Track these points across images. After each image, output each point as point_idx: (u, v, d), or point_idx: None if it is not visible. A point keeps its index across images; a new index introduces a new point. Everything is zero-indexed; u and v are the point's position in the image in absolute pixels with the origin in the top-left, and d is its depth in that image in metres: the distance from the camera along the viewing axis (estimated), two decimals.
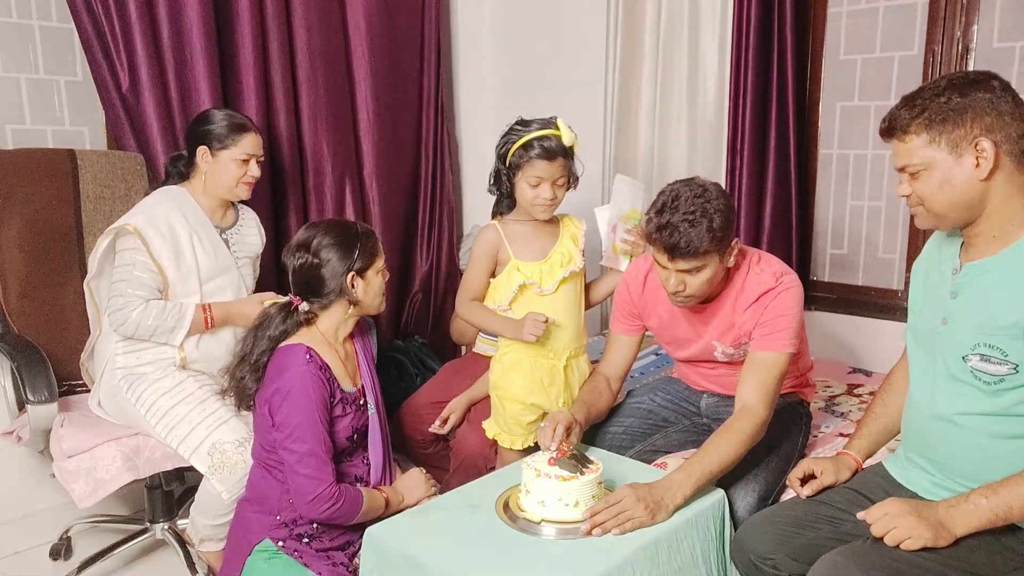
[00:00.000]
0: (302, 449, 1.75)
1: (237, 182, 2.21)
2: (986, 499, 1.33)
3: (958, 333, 1.42)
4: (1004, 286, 1.36)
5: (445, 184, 3.33)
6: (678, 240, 1.68)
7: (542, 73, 3.33)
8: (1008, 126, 1.32)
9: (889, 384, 1.72)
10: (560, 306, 2.13)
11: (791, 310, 1.80)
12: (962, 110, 1.32)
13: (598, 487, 1.61)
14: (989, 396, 1.38)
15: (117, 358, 2.13)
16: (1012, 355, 1.34)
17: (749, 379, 1.79)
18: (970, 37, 2.54)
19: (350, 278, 1.86)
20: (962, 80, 1.35)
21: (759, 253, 1.92)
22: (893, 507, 1.38)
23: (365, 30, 2.95)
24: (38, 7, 2.52)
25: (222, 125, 2.19)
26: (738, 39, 2.74)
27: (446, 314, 2.97)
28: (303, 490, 1.76)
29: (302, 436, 1.75)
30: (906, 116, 1.37)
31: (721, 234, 1.70)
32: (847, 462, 1.66)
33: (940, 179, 1.36)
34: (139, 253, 2.07)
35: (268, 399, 1.80)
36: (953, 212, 1.39)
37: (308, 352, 1.80)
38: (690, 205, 1.69)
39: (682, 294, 1.78)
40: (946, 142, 1.34)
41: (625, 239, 2.21)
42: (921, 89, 1.39)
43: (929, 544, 1.33)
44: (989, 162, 1.32)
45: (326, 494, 1.75)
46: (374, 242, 1.93)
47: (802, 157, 2.87)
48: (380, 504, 1.89)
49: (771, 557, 1.53)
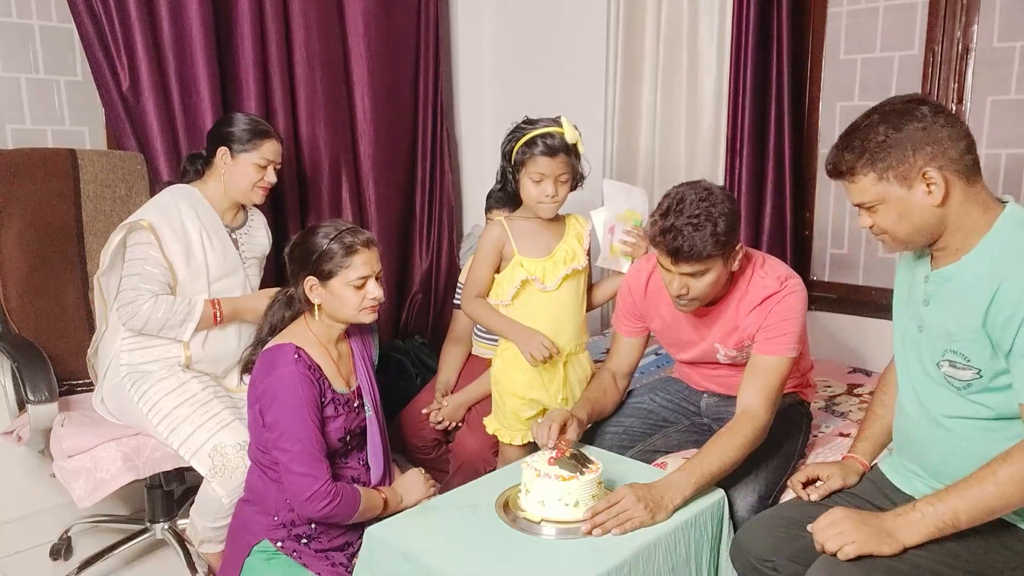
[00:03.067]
0: (295, 448, 1.74)
1: (253, 186, 2.23)
2: (932, 507, 1.33)
3: (931, 340, 1.43)
4: (964, 292, 1.37)
5: (444, 184, 3.33)
6: (682, 244, 1.67)
7: (542, 73, 3.34)
8: (949, 149, 1.33)
9: (885, 383, 1.72)
10: (562, 303, 2.13)
11: (795, 314, 1.80)
12: (901, 144, 1.34)
13: (598, 487, 1.61)
14: (965, 400, 1.40)
15: (122, 355, 2.14)
16: (974, 360, 1.36)
17: (751, 383, 1.79)
18: (970, 37, 2.54)
19: (308, 284, 1.83)
20: (892, 111, 1.36)
21: (763, 256, 1.91)
22: (838, 514, 1.39)
23: (363, 30, 2.96)
24: (38, 7, 2.52)
25: (245, 129, 2.22)
26: (737, 39, 2.74)
27: (446, 314, 2.97)
28: (298, 489, 1.74)
29: (294, 435, 1.74)
30: (849, 158, 1.39)
31: (725, 239, 1.70)
32: (854, 466, 1.66)
33: (897, 211, 1.38)
34: (151, 248, 2.08)
35: (258, 399, 1.79)
36: (917, 237, 1.41)
37: (297, 352, 1.79)
38: (695, 208, 1.68)
39: (685, 297, 1.77)
40: (894, 176, 1.36)
41: (625, 240, 2.21)
42: (855, 128, 1.40)
43: (872, 552, 1.33)
44: (940, 188, 1.33)
45: (322, 491, 1.73)
46: (347, 253, 1.80)
47: (802, 157, 2.88)
48: (378, 504, 1.87)
49: (771, 559, 1.53)
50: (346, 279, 1.80)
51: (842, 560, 1.34)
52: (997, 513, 1.32)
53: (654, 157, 3.08)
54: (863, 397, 2.42)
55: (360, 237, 1.83)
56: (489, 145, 3.58)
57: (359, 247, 1.82)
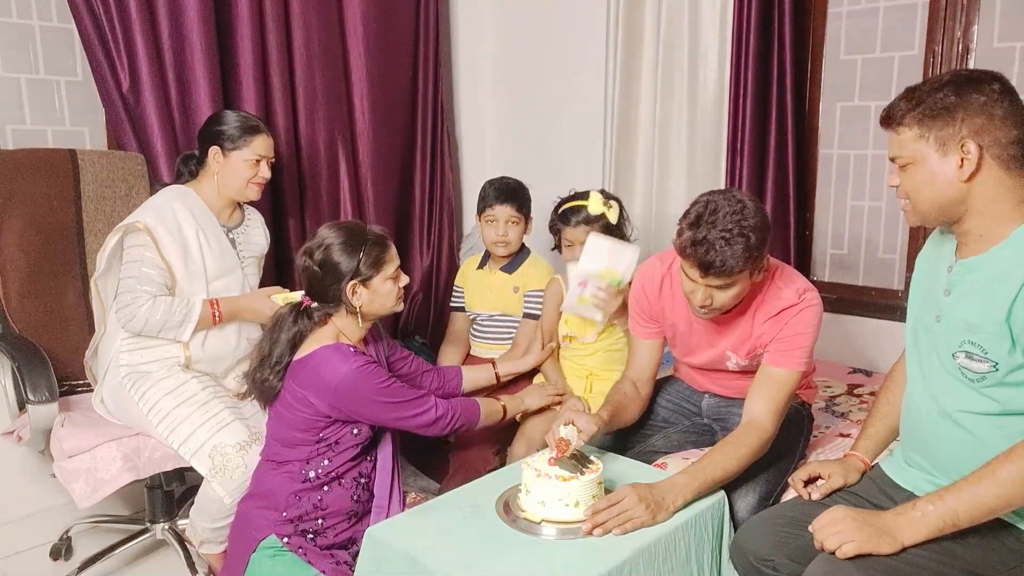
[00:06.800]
0: (400, 409, 1.88)
1: (247, 183, 2.23)
2: (932, 506, 1.33)
3: (949, 330, 1.42)
4: (990, 284, 1.36)
5: (445, 184, 3.33)
6: (714, 259, 1.62)
7: (543, 74, 3.34)
8: (998, 130, 1.31)
9: (891, 381, 1.71)
10: (600, 354, 2.38)
11: (810, 328, 1.78)
12: (954, 109, 1.32)
13: (598, 487, 1.61)
14: (977, 394, 1.39)
15: (121, 355, 2.14)
16: (992, 353, 1.35)
17: (759, 394, 1.78)
18: (970, 37, 2.54)
19: (351, 288, 1.86)
20: (963, 78, 1.35)
21: (781, 266, 1.88)
22: (838, 513, 1.39)
23: (363, 31, 2.95)
24: (38, 7, 2.52)
25: (234, 126, 2.21)
26: (738, 39, 2.74)
27: (446, 314, 2.97)
28: (425, 429, 1.93)
29: (393, 402, 1.86)
30: (903, 107, 1.38)
31: (757, 253, 1.66)
32: (855, 464, 1.66)
33: (925, 175, 1.36)
34: (148, 250, 2.08)
35: (331, 403, 1.82)
36: (934, 211, 1.39)
37: (351, 347, 1.86)
38: (727, 222, 1.63)
39: (708, 308, 1.74)
40: (935, 139, 1.34)
41: (596, 295, 2.19)
42: (924, 81, 1.39)
43: (871, 551, 1.32)
44: (972, 164, 1.32)
45: (442, 417, 1.94)
46: (382, 250, 1.90)
47: (802, 157, 2.88)
48: (498, 410, 2.13)
49: (770, 558, 1.53)
50: (385, 275, 1.91)
51: (840, 559, 1.34)
52: (997, 512, 1.32)
53: (654, 157, 3.08)
54: (863, 397, 2.42)
55: (381, 230, 1.95)
56: (489, 145, 3.58)
57: (388, 241, 1.94)
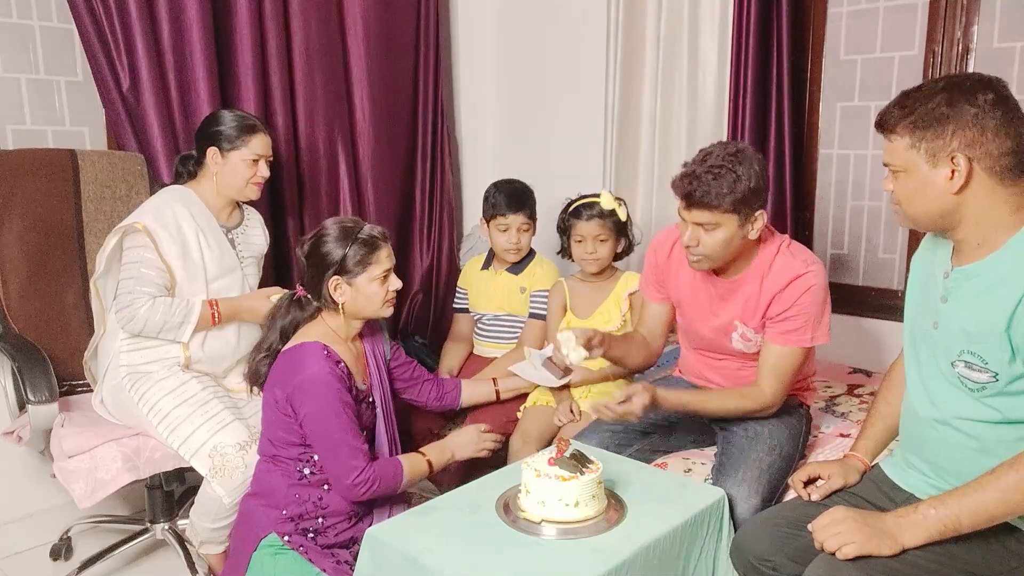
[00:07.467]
0: (331, 440, 1.79)
1: (247, 182, 2.23)
2: (934, 509, 1.32)
3: (947, 338, 1.41)
4: (988, 292, 1.34)
5: (445, 184, 3.33)
6: (695, 188, 1.69)
7: (542, 73, 3.33)
8: (990, 143, 1.29)
9: (890, 382, 1.71)
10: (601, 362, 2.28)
11: (816, 306, 1.83)
12: (945, 120, 1.30)
13: (598, 487, 1.61)
14: (978, 402, 1.38)
15: (121, 356, 2.14)
16: (992, 363, 1.33)
17: (765, 366, 1.85)
18: (970, 37, 2.53)
19: (333, 283, 1.85)
20: (957, 86, 1.33)
21: (791, 240, 1.91)
22: (838, 514, 1.38)
23: (363, 30, 2.95)
24: (38, 7, 2.52)
25: (232, 126, 2.21)
26: (738, 39, 2.74)
27: (446, 315, 2.97)
28: (339, 479, 1.80)
29: (329, 428, 1.78)
30: (896, 115, 1.37)
31: (742, 196, 1.69)
32: (855, 464, 1.65)
33: (916, 184, 1.36)
34: (147, 251, 2.08)
35: (289, 396, 1.81)
36: (925, 219, 1.39)
37: (325, 349, 1.82)
38: (719, 160, 1.70)
39: (694, 250, 1.78)
40: (925, 149, 1.33)
41: None
42: (919, 87, 1.38)
43: (871, 552, 1.32)
44: (961, 177, 1.31)
45: (361, 479, 1.79)
46: (371, 249, 1.86)
47: (802, 157, 2.88)
48: (423, 470, 1.93)
49: (770, 559, 1.53)
50: (371, 275, 1.86)
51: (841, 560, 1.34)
52: (999, 519, 1.31)
53: (654, 157, 3.08)
54: (863, 397, 2.42)
55: (377, 231, 1.90)
56: (489, 145, 3.58)
57: (381, 242, 1.88)
